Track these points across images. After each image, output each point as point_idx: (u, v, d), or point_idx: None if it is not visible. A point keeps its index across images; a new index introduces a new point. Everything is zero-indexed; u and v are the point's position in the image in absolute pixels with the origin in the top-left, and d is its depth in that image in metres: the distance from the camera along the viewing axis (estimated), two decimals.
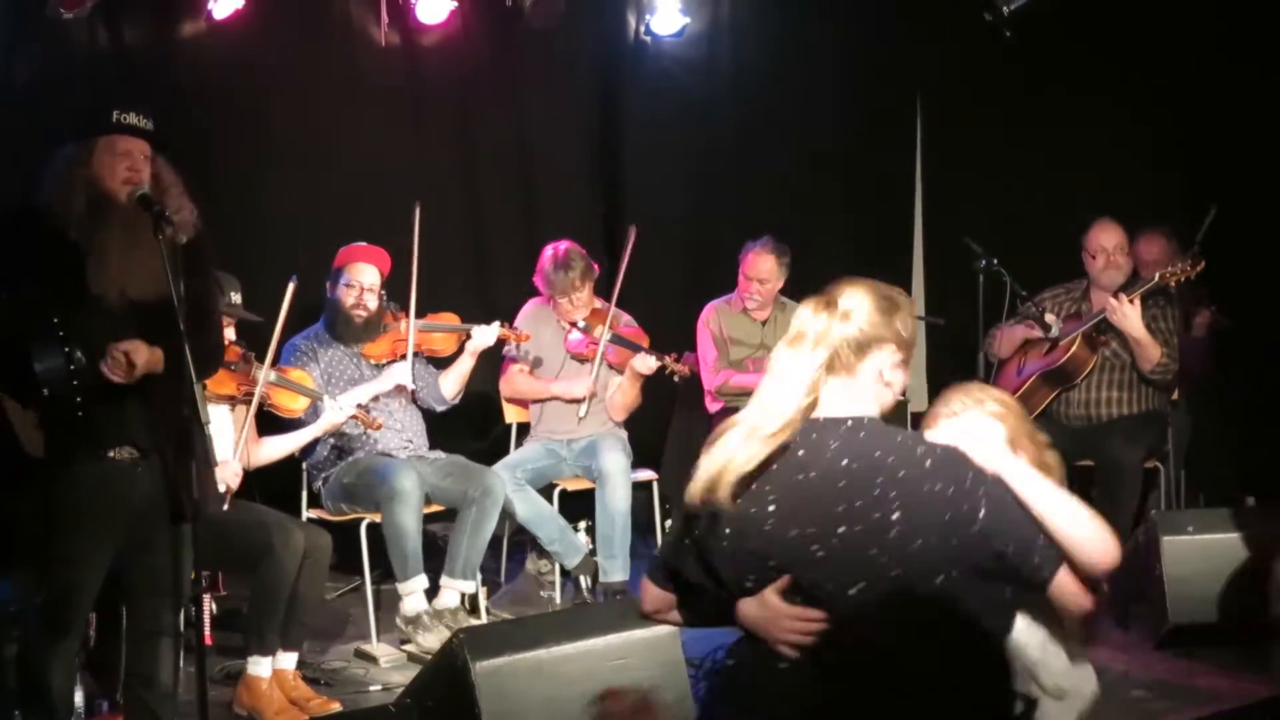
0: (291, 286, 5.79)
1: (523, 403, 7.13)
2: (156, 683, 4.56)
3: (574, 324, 6.89)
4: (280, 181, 7.35)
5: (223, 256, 6.17)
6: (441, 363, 6.70)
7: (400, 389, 6.41)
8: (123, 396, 4.26)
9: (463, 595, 6.24)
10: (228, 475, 5.64)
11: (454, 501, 6.28)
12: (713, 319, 7.42)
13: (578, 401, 6.91)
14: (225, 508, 5.59)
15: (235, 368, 5.76)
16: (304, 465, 6.39)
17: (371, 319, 6.42)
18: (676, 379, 6.92)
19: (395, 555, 6.06)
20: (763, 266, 7.25)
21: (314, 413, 6.10)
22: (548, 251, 6.92)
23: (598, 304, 7.00)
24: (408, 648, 6.05)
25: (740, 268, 7.34)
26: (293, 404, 6.00)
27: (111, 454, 4.33)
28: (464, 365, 6.65)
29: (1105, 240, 7.01)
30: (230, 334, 5.68)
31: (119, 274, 4.24)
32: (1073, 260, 7.16)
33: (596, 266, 6.99)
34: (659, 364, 6.80)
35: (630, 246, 7.01)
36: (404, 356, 6.45)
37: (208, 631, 5.14)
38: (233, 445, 5.73)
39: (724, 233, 8.04)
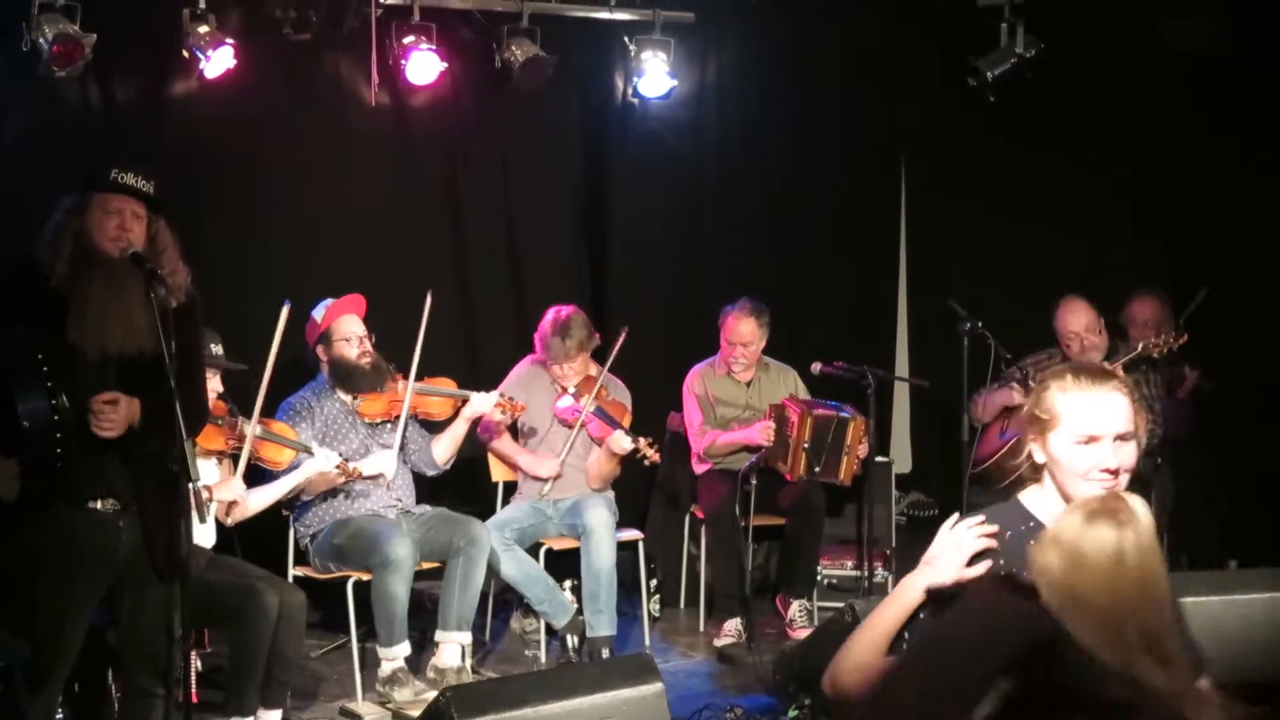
0: (285, 310, 5.84)
1: (500, 457, 7.16)
2: None
3: (565, 389, 6.92)
4: (270, 238, 7.41)
5: (211, 312, 6.22)
6: (435, 427, 6.73)
7: (383, 479, 6.42)
8: (104, 448, 4.29)
9: (462, 648, 6.24)
10: (237, 491, 5.75)
11: (441, 552, 6.29)
12: (697, 383, 7.43)
13: (540, 480, 6.94)
14: (210, 543, 5.70)
15: (222, 422, 5.80)
16: (291, 523, 6.40)
17: (377, 363, 6.45)
18: (647, 463, 6.87)
19: (381, 620, 6.06)
20: (743, 330, 7.27)
21: (299, 464, 6.13)
22: (549, 315, 6.92)
23: (593, 370, 7.02)
24: (391, 706, 6.04)
25: (721, 333, 7.36)
26: (278, 456, 6.04)
27: (93, 505, 4.35)
28: (458, 430, 6.67)
29: (1074, 324, 7.03)
30: (217, 384, 5.72)
31: (97, 327, 4.28)
32: None
33: (598, 336, 7.01)
34: (632, 446, 6.77)
35: (617, 347, 7.01)
36: (398, 417, 6.48)
37: (193, 688, 5.15)
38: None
39: (709, 293, 8.08)
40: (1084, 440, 2.94)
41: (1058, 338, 7.10)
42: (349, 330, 6.40)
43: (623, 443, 6.76)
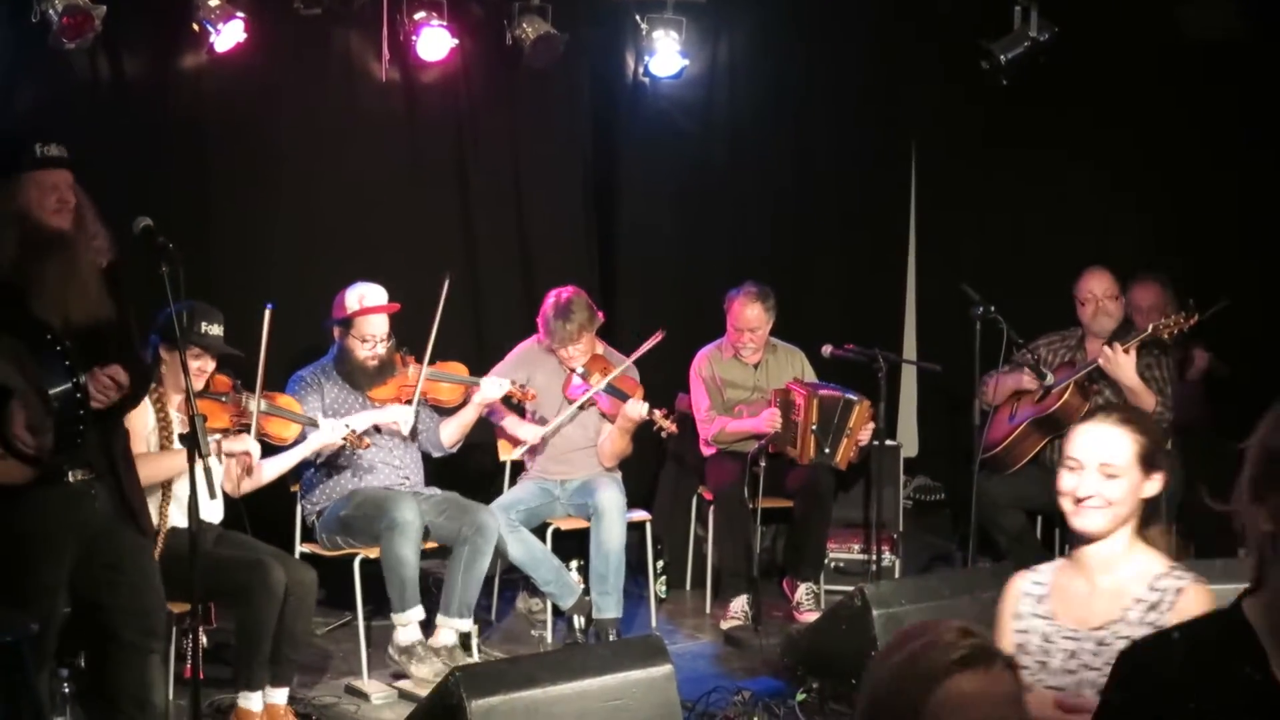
0: (268, 314, 5.77)
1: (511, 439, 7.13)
2: (150, 704, 4.64)
3: (573, 370, 6.88)
4: (278, 213, 7.36)
5: (219, 287, 6.20)
6: (445, 411, 6.70)
7: (396, 429, 6.41)
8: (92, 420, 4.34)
9: (460, 635, 6.23)
10: (249, 444, 5.74)
11: (448, 538, 6.27)
12: (705, 367, 7.40)
13: (517, 443, 6.92)
14: (218, 519, 5.71)
15: (226, 399, 5.78)
16: (298, 499, 6.40)
17: (385, 362, 6.43)
18: (664, 435, 6.85)
19: (393, 585, 6.05)
20: (750, 316, 7.23)
21: (305, 438, 6.11)
22: (550, 298, 6.88)
23: (601, 350, 6.98)
24: (399, 684, 6.03)
25: (727, 318, 7.32)
26: (284, 431, 6.02)
27: (69, 476, 4.40)
28: (467, 415, 6.65)
29: (1094, 287, 7.05)
30: (209, 365, 5.69)
31: (59, 302, 4.31)
32: (1067, 306, 7.19)
33: (601, 314, 6.98)
34: (647, 413, 6.74)
35: (649, 346, 6.93)
36: (409, 402, 6.46)
37: (200, 666, 5.15)
38: (223, 476, 5.78)
39: (718, 274, 8.05)
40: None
41: (1075, 302, 7.09)
42: (368, 332, 6.36)
43: (639, 409, 6.73)
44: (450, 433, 6.66)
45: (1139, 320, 7.24)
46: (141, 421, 5.41)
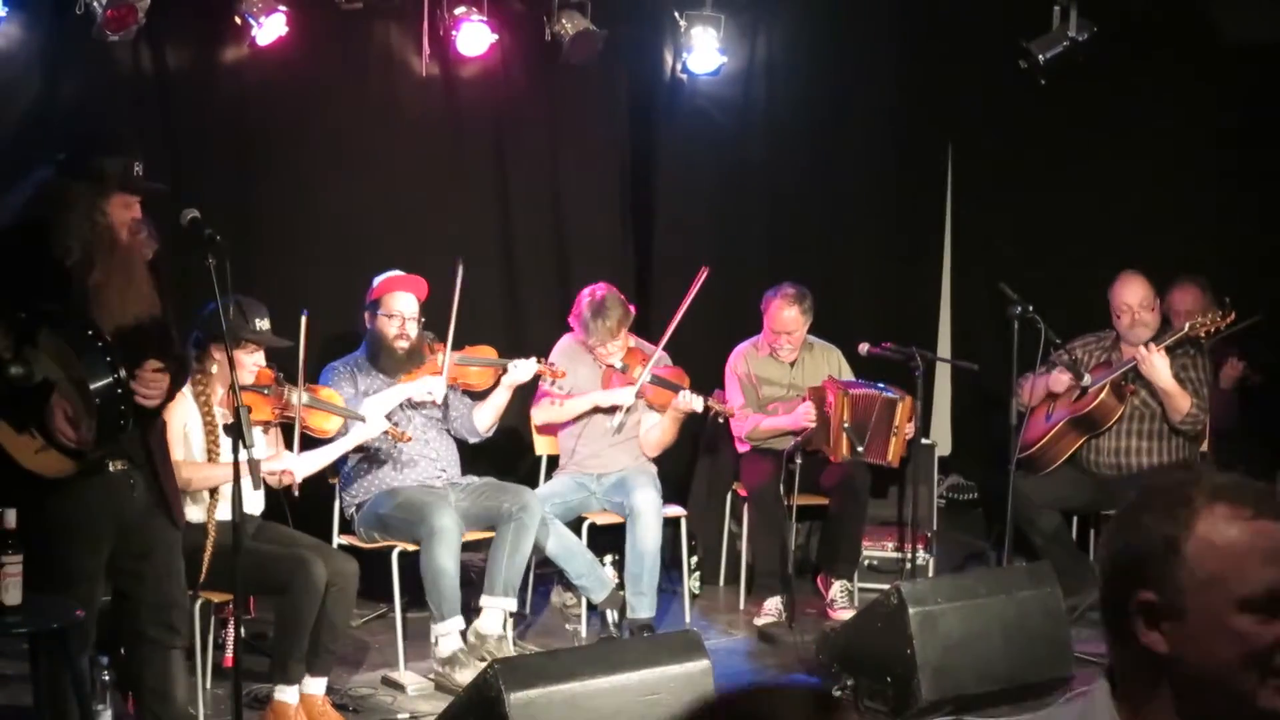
0: (304, 320, 5.75)
1: (554, 430, 7.11)
2: (171, 697, 4.71)
3: (611, 366, 6.89)
4: (318, 207, 7.39)
5: (259, 280, 6.25)
6: (477, 396, 6.72)
7: (431, 399, 6.42)
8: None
9: (505, 615, 6.24)
10: (287, 462, 5.77)
11: (491, 519, 6.30)
12: (740, 364, 7.40)
13: (615, 410, 6.90)
14: (259, 511, 5.76)
15: (269, 392, 5.81)
16: (338, 491, 6.43)
17: (414, 348, 6.45)
18: (721, 419, 6.91)
19: (433, 596, 6.05)
20: (786, 318, 7.22)
21: (346, 431, 6.13)
22: (585, 297, 6.90)
23: (633, 342, 7.00)
24: (435, 677, 6.05)
25: (764, 319, 7.33)
26: (326, 424, 6.03)
27: (109, 467, 4.49)
28: (499, 399, 6.66)
29: (1129, 297, 7.01)
30: (260, 359, 5.73)
31: (113, 308, 4.39)
32: (1104, 306, 7.17)
33: (634, 309, 6.99)
34: (704, 404, 6.78)
35: (697, 287, 6.98)
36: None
37: (239, 653, 5.18)
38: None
39: (754, 272, 8.07)
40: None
41: (1111, 310, 7.07)
42: (396, 308, 6.40)
43: (694, 403, 6.75)
44: (484, 417, 6.67)
45: (1177, 323, 7.24)
46: (180, 417, 5.46)
